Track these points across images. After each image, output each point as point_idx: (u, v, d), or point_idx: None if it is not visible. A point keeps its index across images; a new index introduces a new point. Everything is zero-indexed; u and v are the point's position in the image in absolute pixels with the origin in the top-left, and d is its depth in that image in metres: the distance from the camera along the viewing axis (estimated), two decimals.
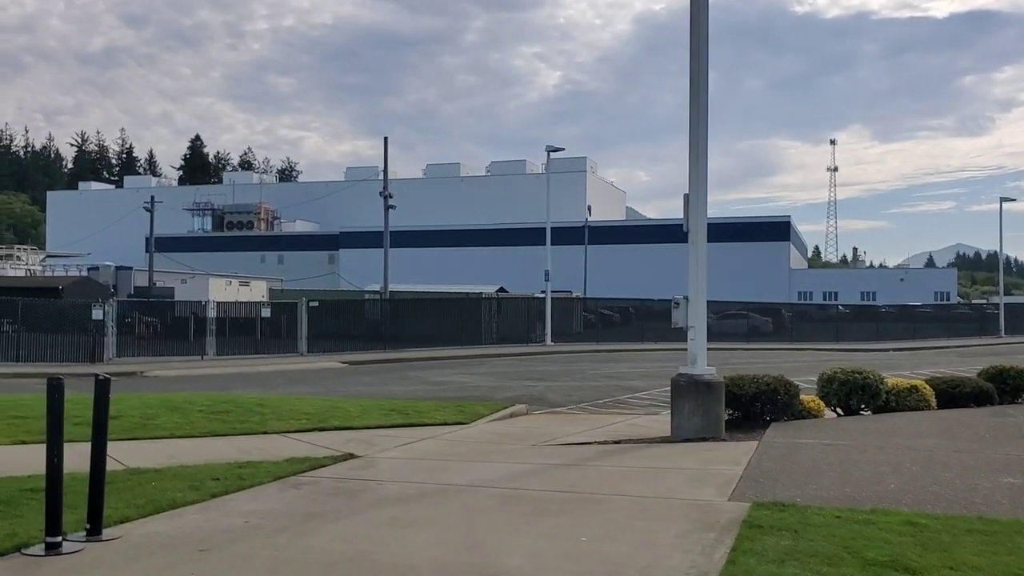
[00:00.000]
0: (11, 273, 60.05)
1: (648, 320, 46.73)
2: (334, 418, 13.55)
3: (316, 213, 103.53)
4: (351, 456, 10.51)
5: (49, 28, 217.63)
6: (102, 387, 6.65)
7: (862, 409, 14.26)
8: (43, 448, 10.76)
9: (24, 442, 10.94)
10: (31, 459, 9.89)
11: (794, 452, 10.34)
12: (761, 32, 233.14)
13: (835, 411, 14.25)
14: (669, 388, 21.90)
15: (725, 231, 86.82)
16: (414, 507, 7.80)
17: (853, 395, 14.05)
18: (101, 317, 28.88)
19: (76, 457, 8.55)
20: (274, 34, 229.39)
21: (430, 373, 26.24)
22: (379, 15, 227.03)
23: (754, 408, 12.83)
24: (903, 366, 29.55)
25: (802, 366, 28.72)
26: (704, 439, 11.58)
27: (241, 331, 34.98)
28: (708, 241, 11.57)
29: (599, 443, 11.94)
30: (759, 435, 11.83)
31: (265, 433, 12.37)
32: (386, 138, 48.54)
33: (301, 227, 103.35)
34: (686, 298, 12.06)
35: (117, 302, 31.05)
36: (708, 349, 38.04)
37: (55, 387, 6.25)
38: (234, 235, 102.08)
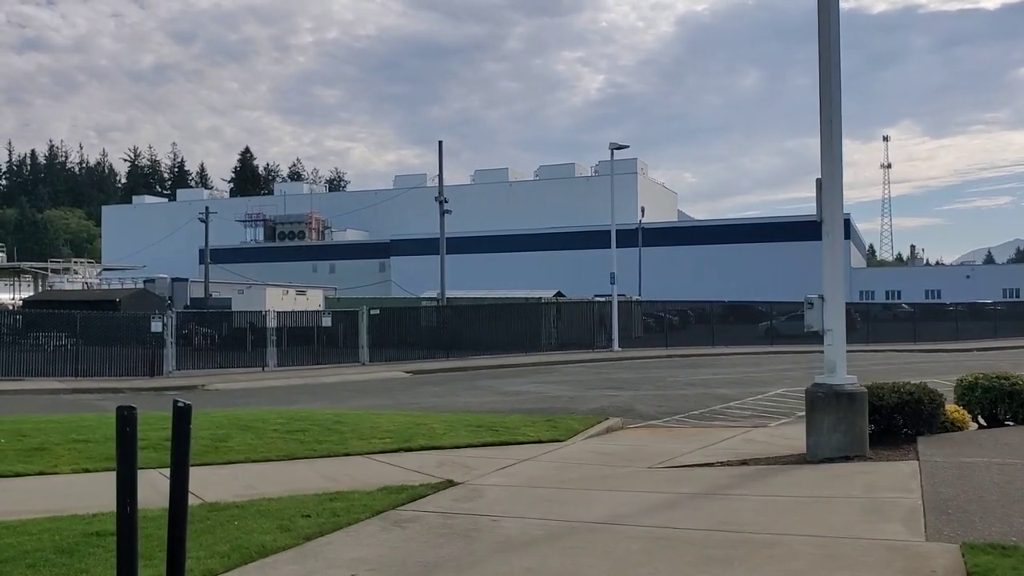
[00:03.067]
0: (68, 287, 60.25)
1: (719, 323, 44.88)
2: (419, 436, 12.33)
3: (366, 222, 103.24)
4: (451, 483, 9.24)
5: (101, 47, 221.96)
6: (182, 416, 5.42)
7: (1007, 420, 12.65)
8: (109, 477, 9.68)
9: (87, 470, 9.87)
10: (96, 490, 8.81)
11: (968, 475, 8.82)
12: (806, 29, 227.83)
13: (977, 422, 12.66)
14: (763, 396, 20.62)
15: (783, 230, 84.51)
16: (547, 554, 6.49)
17: (999, 404, 12.43)
18: (160, 329, 28.11)
19: (146, 488, 7.43)
20: (319, 47, 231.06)
21: (500, 382, 24.97)
22: (422, 24, 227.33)
23: (895, 421, 11.31)
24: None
25: (896, 369, 26.94)
26: (848, 458, 10.10)
27: (299, 341, 34.12)
28: (763, 241, 10.20)
29: (724, 464, 10.53)
30: (909, 452, 10.33)
31: (347, 455, 11.18)
32: (440, 142, 47.56)
33: (351, 236, 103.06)
34: (821, 297, 10.60)
35: (176, 314, 30.28)
36: (782, 351, 35.98)
37: (126, 418, 5.04)
38: (286, 245, 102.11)
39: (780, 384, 23.19)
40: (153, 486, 8.32)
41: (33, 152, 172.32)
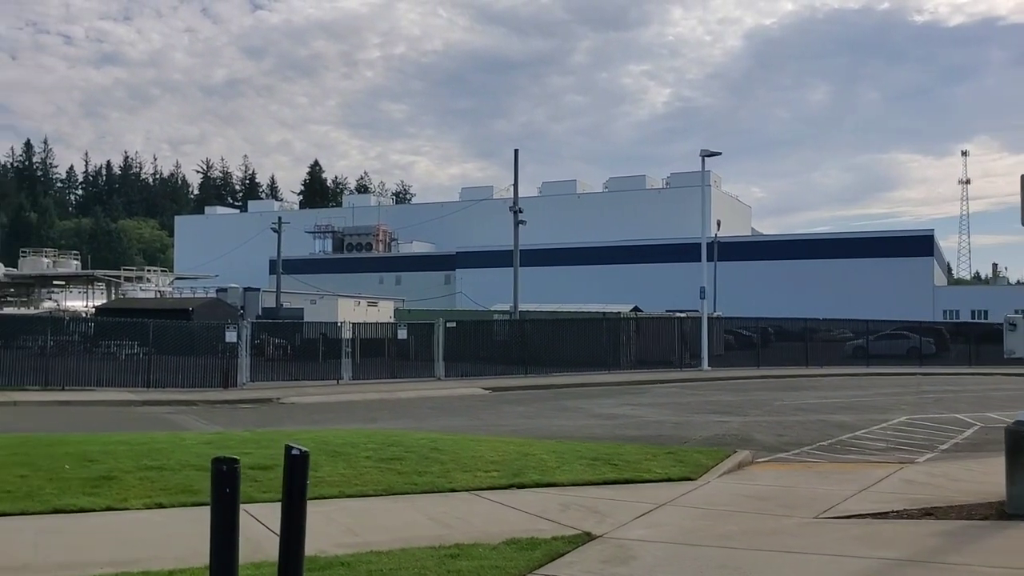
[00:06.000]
0: (141, 295, 60.34)
1: (813, 342, 42.42)
2: (529, 469, 10.78)
3: (431, 234, 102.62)
4: (589, 536, 7.66)
5: (174, 62, 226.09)
6: (298, 467, 3.98)
7: None
8: (186, 516, 8.28)
9: (161, 505, 8.52)
10: (172, 534, 7.44)
11: None
12: (878, 43, 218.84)
13: None
14: (887, 424, 18.63)
15: (862, 247, 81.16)
16: None
17: None
18: (235, 339, 27.09)
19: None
20: (386, 62, 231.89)
21: (589, 403, 23.30)
22: (489, 39, 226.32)
23: None
24: None
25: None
26: None
27: (371, 353, 32.98)
28: (843, 257, 8.23)
29: (904, 516, 8.76)
30: None
31: (453, 491, 9.69)
32: (516, 151, 46.15)
33: (418, 248, 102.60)
34: None
35: (251, 323, 29.32)
36: (881, 374, 33.42)
37: (226, 476, 3.61)
38: (353, 257, 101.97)
39: (898, 411, 21.12)
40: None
41: (108, 163, 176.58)
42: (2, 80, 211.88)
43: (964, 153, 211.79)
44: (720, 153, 38.06)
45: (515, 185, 46.63)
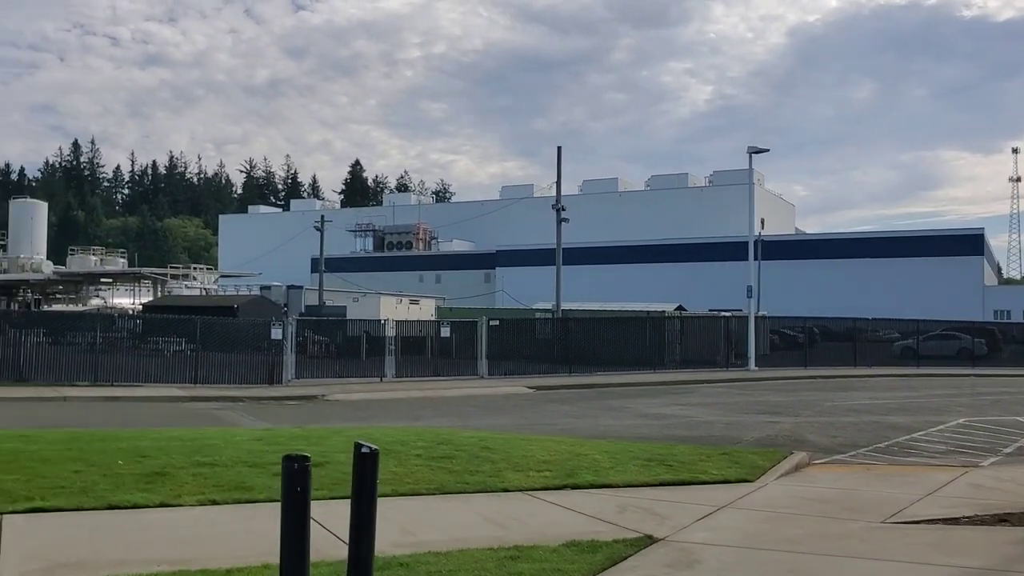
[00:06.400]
0: (186, 292, 61.10)
1: (860, 342, 41.65)
2: (582, 469, 10.59)
3: (471, 232, 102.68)
4: (650, 539, 7.45)
5: (218, 63, 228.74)
6: (368, 465, 3.83)
7: None
8: (240, 513, 8.20)
9: (215, 502, 8.46)
10: (227, 532, 7.37)
11: None
12: (924, 39, 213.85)
13: None
14: (944, 427, 18.10)
15: (910, 246, 79.50)
16: None
17: None
18: (280, 337, 27.25)
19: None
20: (427, 61, 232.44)
21: (636, 403, 23.02)
22: (528, 38, 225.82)
23: None
24: None
25: None
26: None
27: (413, 351, 33.02)
28: (890, 256, 7.83)
29: (976, 521, 8.45)
30: None
31: (505, 491, 9.52)
32: (559, 148, 46.00)
33: (457, 246, 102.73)
34: None
35: (295, 320, 29.46)
36: (932, 375, 32.65)
37: (296, 474, 3.47)
38: (394, 255, 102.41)
39: (954, 412, 20.56)
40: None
41: (154, 163, 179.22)
42: (51, 81, 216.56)
43: (1015, 150, 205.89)
44: (768, 150, 37.48)
45: (558, 182, 46.44)
